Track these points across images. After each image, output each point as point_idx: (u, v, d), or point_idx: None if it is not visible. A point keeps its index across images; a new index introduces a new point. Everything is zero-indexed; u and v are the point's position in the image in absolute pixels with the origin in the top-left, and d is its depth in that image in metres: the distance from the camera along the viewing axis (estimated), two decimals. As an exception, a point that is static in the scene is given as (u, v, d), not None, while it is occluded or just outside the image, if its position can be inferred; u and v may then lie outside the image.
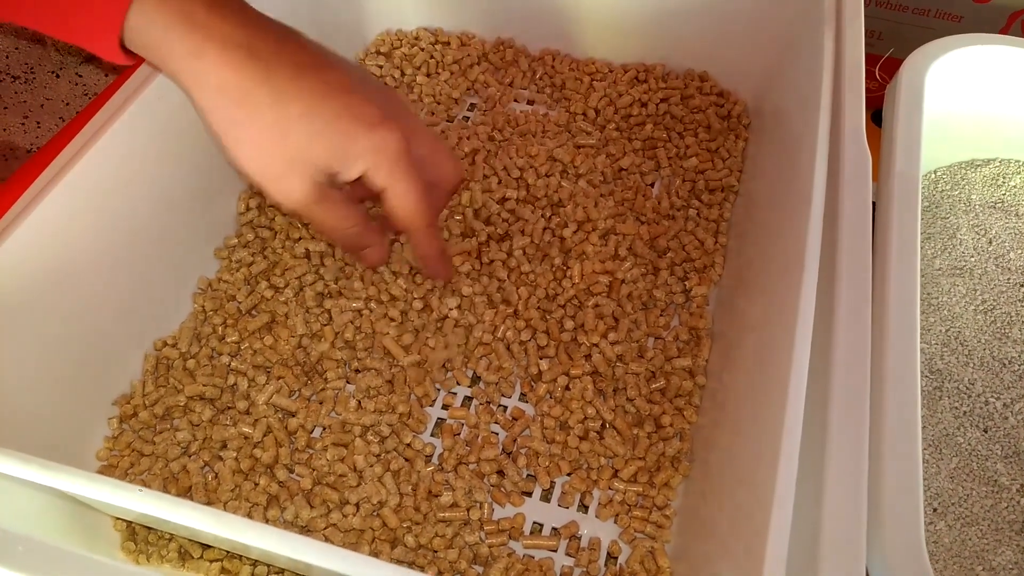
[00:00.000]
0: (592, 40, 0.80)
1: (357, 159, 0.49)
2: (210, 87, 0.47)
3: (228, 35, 0.46)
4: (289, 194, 0.49)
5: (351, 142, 0.48)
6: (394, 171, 0.50)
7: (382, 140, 0.49)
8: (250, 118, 0.47)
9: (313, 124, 0.48)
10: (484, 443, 0.58)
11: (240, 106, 0.47)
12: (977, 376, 0.57)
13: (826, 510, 0.42)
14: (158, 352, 0.62)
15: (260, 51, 0.47)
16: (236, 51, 0.46)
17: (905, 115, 0.58)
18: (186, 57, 0.46)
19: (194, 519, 0.38)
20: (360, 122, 0.49)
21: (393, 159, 0.50)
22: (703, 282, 0.65)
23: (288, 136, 0.47)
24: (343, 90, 0.49)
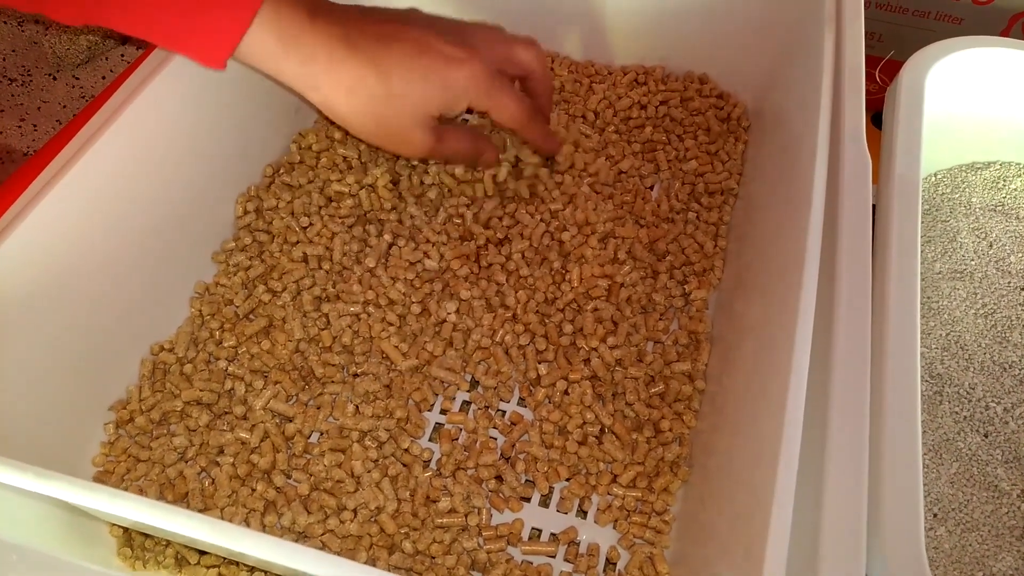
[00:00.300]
0: (591, 42, 0.80)
1: (458, 98, 0.58)
2: (326, 86, 0.55)
3: (330, 35, 0.54)
4: (419, 147, 0.59)
5: (449, 87, 0.57)
6: (489, 95, 0.59)
7: (470, 74, 0.57)
8: (366, 102, 0.55)
9: (415, 85, 0.56)
10: (482, 448, 0.58)
11: (354, 96, 0.55)
12: (977, 380, 0.57)
13: (826, 514, 0.41)
14: (155, 357, 0.62)
15: (356, 41, 0.55)
16: (338, 48, 0.54)
17: (905, 118, 0.58)
18: (299, 64, 0.54)
19: (189, 527, 0.38)
20: (449, 67, 0.57)
21: (484, 86, 0.58)
22: (702, 286, 0.65)
23: (403, 101, 0.56)
24: (426, 45, 0.57)
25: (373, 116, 0.56)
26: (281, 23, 0.52)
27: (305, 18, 0.53)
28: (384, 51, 0.55)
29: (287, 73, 0.54)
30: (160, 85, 0.58)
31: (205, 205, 0.66)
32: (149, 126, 0.58)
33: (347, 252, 0.66)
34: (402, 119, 0.57)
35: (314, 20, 0.54)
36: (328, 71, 0.54)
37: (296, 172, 0.71)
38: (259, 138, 0.70)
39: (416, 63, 0.56)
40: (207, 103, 0.63)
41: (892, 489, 0.42)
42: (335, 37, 0.54)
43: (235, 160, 0.68)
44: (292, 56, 0.53)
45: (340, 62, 0.54)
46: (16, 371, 0.52)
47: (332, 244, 0.66)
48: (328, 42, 0.54)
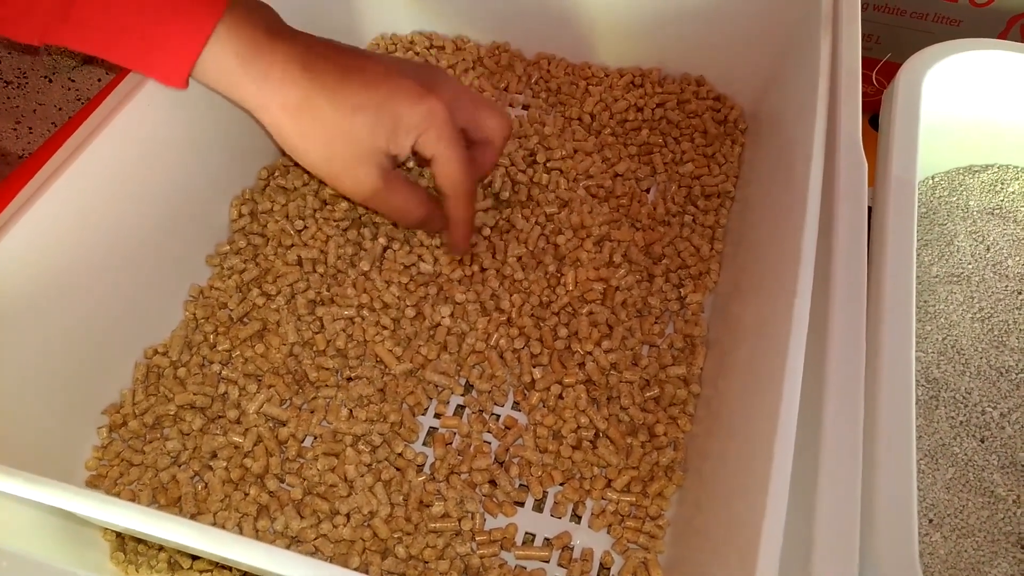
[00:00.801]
0: (588, 44, 0.80)
1: (409, 132, 0.55)
2: (276, 106, 0.53)
3: (287, 55, 0.53)
4: (362, 183, 0.56)
5: (402, 119, 0.54)
6: (440, 137, 0.56)
7: (428, 110, 0.55)
8: (313, 125, 0.53)
9: (367, 114, 0.54)
10: (476, 452, 0.58)
11: (303, 116, 0.53)
12: (974, 385, 0.57)
13: (819, 519, 0.41)
14: (148, 360, 0.62)
15: (312, 64, 0.53)
16: (294, 69, 0.53)
17: (902, 120, 0.58)
18: (254, 82, 0.53)
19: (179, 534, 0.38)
20: (406, 99, 0.54)
21: (439, 126, 0.56)
22: (698, 289, 0.65)
23: (350, 131, 0.54)
24: (386, 77, 0.55)
25: (319, 142, 0.54)
26: (240, 40, 0.52)
27: (263, 37, 0.52)
28: (340, 77, 0.54)
29: (241, 91, 0.53)
30: (155, 88, 0.58)
31: (199, 208, 0.66)
32: (144, 129, 0.58)
33: (341, 256, 0.66)
34: (349, 148, 0.55)
35: (272, 39, 0.53)
36: (280, 90, 0.53)
37: (291, 175, 0.71)
38: (254, 141, 0.70)
39: (372, 92, 0.54)
40: (202, 106, 0.63)
41: (886, 493, 0.42)
42: (292, 57, 0.53)
43: (230, 163, 0.68)
44: (248, 74, 0.52)
45: (292, 82, 0.53)
46: (9, 374, 0.51)
47: (326, 247, 0.66)
48: (284, 61, 0.53)
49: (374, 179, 0.55)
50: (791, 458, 0.41)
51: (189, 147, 0.63)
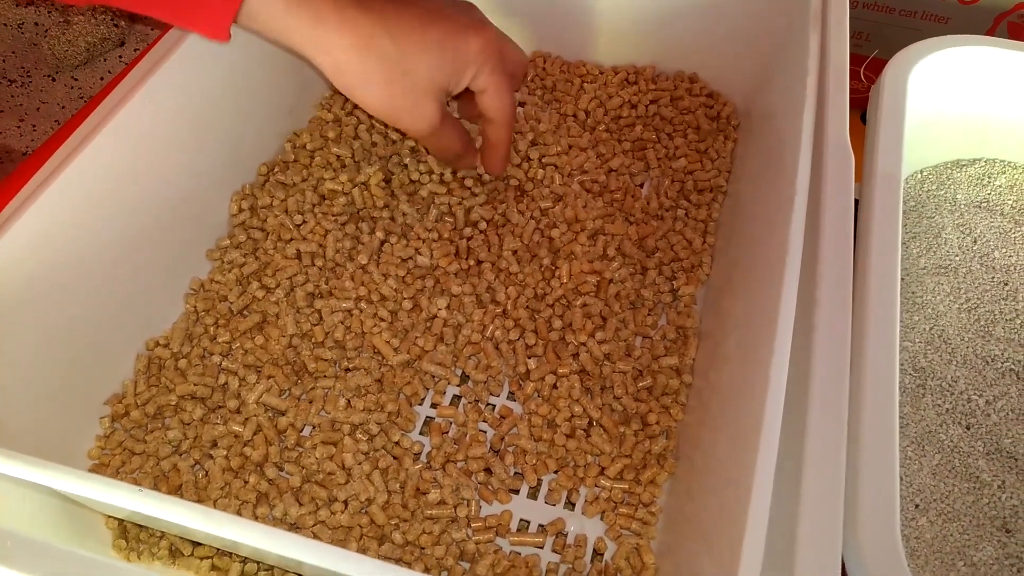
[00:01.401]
0: (582, 42, 0.80)
1: (468, 65, 0.57)
2: (335, 47, 0.52)
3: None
4: (424, 119, 0.57)
5: (462, 51, 0.56)
6: (495, 71, 0.58)
7: (481, 44, 0.56)
8: (377, 65, 0.53)
9: (429, 50, 0.54)
10: (472, 441, 0.59)
11: (365, 57, 0.53)
12: (960, 374, 0.58)
13: (803, 505, 0.42)
14: (150, 352, 0.63)
15: (368, 2, 0.53)
16: (349, 7, 0.52)
17: (888, 116, 0.59)
18: (308, 24, 0.51)
19: (184, 516, 0.38)
20: (461, 35, 0.56)
21: (494, 60, 0.58)
22: (691, 282, 0.66)
23: (413, 70, 0.54)
24: (439, 13, 0.56)
25: (383, 81, 0.54)
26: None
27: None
28: (397, 13, 0.53)
29: (295, 34, 0.52)
30: (156, 84, 0.59)
31: (200, 203, 0.67)
32: (145, 125, 0.59)
33: (340, 249, 0.67)
34: (414, 86, 0.55)
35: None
36: (339, 31, 0.51)
37: (290, 171, 0.72)
38: (254, 137, 0.71)
39: (430, 27, 0.54)
40: (202, 103, 0.64)
41: (869, 479, 0.43)
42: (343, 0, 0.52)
43: (230, 159, 0.69)
44: (300, 15, 0.51)
45: (352, 21, 0.52)
46: (13, 366, 0.52)
47: (325, 241, 0.67)
48: (337, 2, 0.51)
49: (434, 116, 0.57)
50: (777, 446, 0.41)
51: (190, 144, 0.63)
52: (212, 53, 0.63)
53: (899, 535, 0.42)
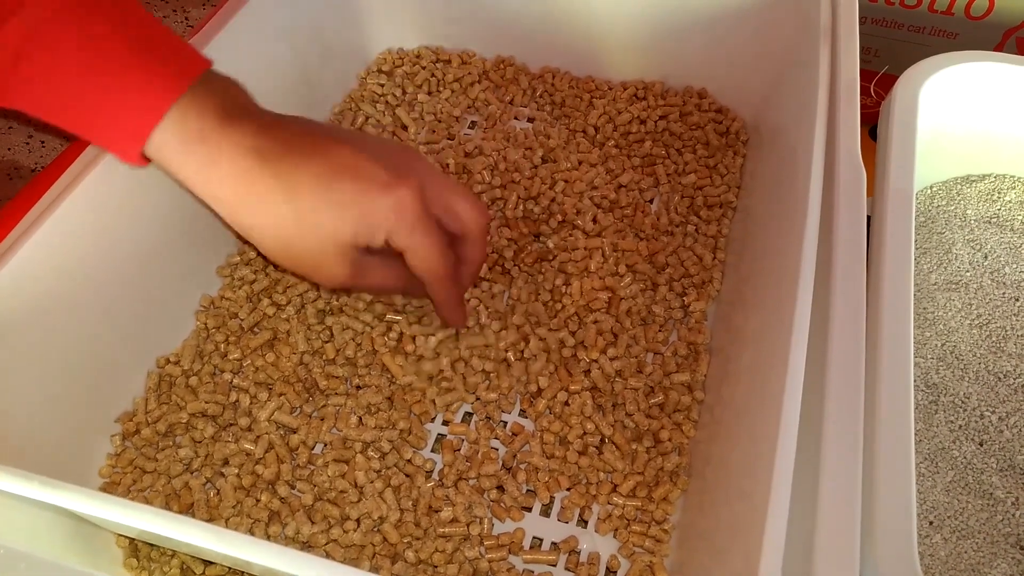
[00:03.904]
0: (592, 58, 0.81)
1: (378, 226, 0.50)
2: (227, 199, 0.49)
3: (238, 142, 0.48)
4: (330, 278, 0.52)
5: (369, 211, 0.50)
6: (412, 231, 0.51)
7: (397, 201, 0.50)
8: (273, 219, 0.49)
9: (331, 209, 0.49)
10: (484, 459, 0.59)
11: (260, 211, 0.49)
12: (972, 390, 0.58)
13: (820, 523, 0.42)
14: (160, 369, 0.63)
15: (270, 151, 0.48)
16: (247, 156, 0.48)
17: (899, 131, 0.59)
18: (200, 171, 0.48)
19: (195, 536, 0.38)
20: (373, 190, 0.50)
21: (408, 220, 0.51)
22: (701, 297, 0.66)
23: (313, 227, 0.49)
24: (350, 165, 0.50)
25: (280, 240, 0.50)
26: (186, 125, 0.47)
27: (213, 121, 0.48)
28: (296, 166, 0.49)
29: (189, 179, 0.49)
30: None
31: (210, 219, 0.67)
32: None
33: None
34: (312, 246, 0.50)
35: (224, 124, 0.48)
36: (232, 182, 0.48)
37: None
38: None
39: (332, 184, 0.49)
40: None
41: (885, 497, 0.43)
42: (243, 145, 0.48)
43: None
44: (194, 156, 0.48)
45: (245, 173, 0.48)
46: (24, 384, 0.52)
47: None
48: (233, 149, 0.48)
49: (343, 271, 0.52)
50: (792, 463, 0.41)
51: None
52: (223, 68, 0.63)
53: (916, 553, 0.41)
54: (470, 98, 0.81)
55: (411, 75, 0.82)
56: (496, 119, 0.79)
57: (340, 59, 0.80)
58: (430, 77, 0.82)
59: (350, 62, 0.82)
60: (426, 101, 0.80)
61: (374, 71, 0.83)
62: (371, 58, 0.84)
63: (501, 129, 0.78)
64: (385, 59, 0.83)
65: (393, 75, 0.83)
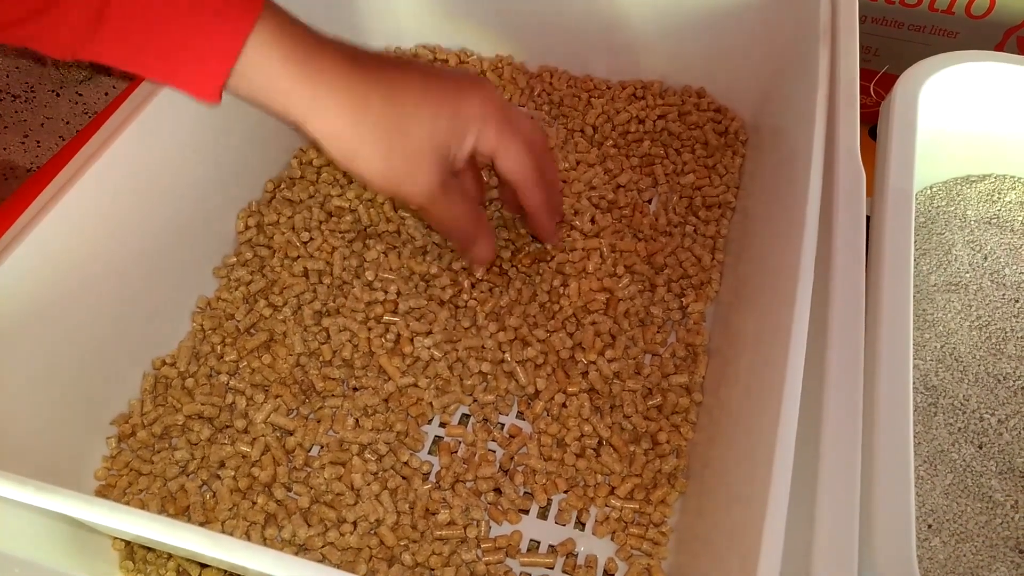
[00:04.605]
0: (590, 57, 0.80)
1: (469, 126, 0.54)
2: (331, 111, 0.50)
3: (336, 54, 0.50)
4: (422, 186, 0.53)
5: (461, 110, 0.53)
6: (500, 131, 0.55)
7: (482, 103, 0.54)
8: (372, 128, 0.51)
9: (427, 111, 0.52)
10: (481, 461, 0.58)
11: (361, 119, 0.50)
12: (972, 392, 0.58)
13: (819, 525, 0.42)
14: (156, 371, 0.62)
15: (365, 62, 0.51)
16: (346, 66, 0.50)
17: (899, 131, 0.58)
18: (305, 87, 0.49)
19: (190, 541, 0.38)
20: (461, 92, 0.53)
21: (496, 118, 0.54)
22: (700, 299, 0.65)
23: (410, 131, 0.51)
24: (438, 76, 0.53)
25: (379, 144, 0.51)
26: (284, 42, 0.48)
27: (310, 38, 0.49)
28: (392, 74, 0.51)
29: (291, 98, 0.49)
30: (163, 101, 0.59)
31: (207, 220, 0.66)
32: (151, 142, 0.59)
33: (347, 267, 0.67)
34: (411, 148, 0.52)
35: (319, 41, 0.50)
36: (334, 92, 0.49)
37: (297, 187, 0.72)
38: (260, 154, 0.71)
39: (428, 88, 0.52)
40: (209, 119, 0.64)
41: (884, 500, 0.43)
42: (342, 60, 0.50)
43: (236, 176, 0.69)
44: (296, 78, 0.48)
45: (346, 85, 0.49)
46: (19, 386, 0.52)
47: (332, 259, 0.67)
48: (334, 64, 0.49)
49: (433, 180, 0.53)
50: (791, 465, 0.41)
51: (196, 161, 0.63)
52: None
53: (915, 556, 0.41)
54: (468, 97, 0.80)
55: (409, 74, 0.82)
56: (494, 119, 0.79)
57: (337, 58, 0.80)
58: (428, 76, 0.82)
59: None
60: (424, 101, 0.80)
61: (372, 70, 0.82)
62: (369, 57, 0.84)
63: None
64: (383, 58, 0.83)
65: (391, 74, 0.82)
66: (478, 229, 0.60)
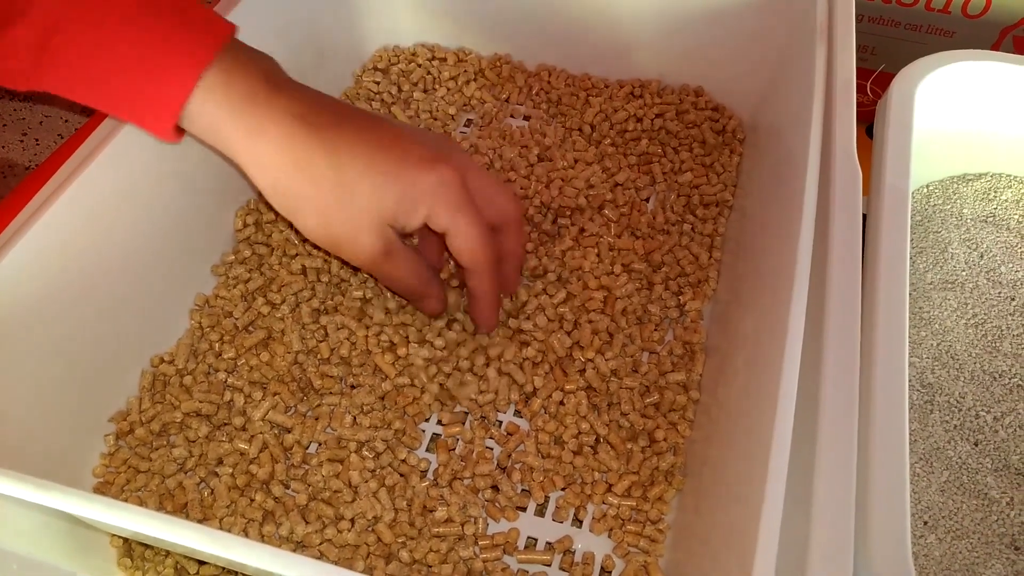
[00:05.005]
0: (588, 56, 0.80)
1: (420, 202, 0.51)
2: (271, 164, 0.49)
3: (286, 108, 0.48)
4: (362, 252, 0.51)
5: (412, 186, 0.50)
6: (456, 207, 0.51)
7: (439, 177, 0.50)
8: (314, 186, 0.49)
9: (375, 179, 0.49)
10: (479, 458, 0.58)
11: (302, 177, 0.49)
12: (968, 390, 0.58)
13: (815, 522, 0.42)
14: (155, 369, 0.62)
15: (316, 120, 0.49)
16: (294, 123, 0.48)
17: (895, 130, 0.58)
18: (247, 137, 0.48)
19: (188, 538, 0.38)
20: (418, 166, 0.50)
21: (454, 195, 0.51)
22: (697, 297, 0.66)
23: (354, 196, 0.49)
24: (397, 141, 0.51)
25: (320, 208, 0.50)
26: (232, 89, 0.47)
27: (260, 86, 0.48)
28: (343, 137, 0.49)
29: (233, 146, 0.49)
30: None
31: (205, 218, 0.67)
32: (150, 140, 0.59)
33: (345, 265, 0.67)
34: (351, 217, 0.50)
35: (271, 90, 0.48)
36: (276, 148, 0.48)
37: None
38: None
39: (377, 155, 0.50)
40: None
41: (880, 497, 0.43)
42: (291, 111, 0.48)
43: (235, 173, 0.69)
44: (241, 127, 0.48)
45: (291, 139, 0.48)
46: (17, 383, 0.52)
47: (330, 257, 0.67)
48: (282, 115, 0.48)
49: (376, 247, 0.51)
50: (787, 462, 0.41)
51: (194, 159, 0.63)
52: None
53: (910, 553, 0.41)
54: (466, 96, 0.81)
55: (407, 73, 0.82)
56: (492, 117, 0.79)
57: (336, 57, 0.80)
58: (426, 75, 0.82)
59: (346, 60, 0.82)
60: (422, 99, 0.80)
61: (370, 69, 0.83)
62: (367, 56, 0.84)
63: (497, 127, 0.78)
64: (381, 57, 0.83)
65: (389, 73, 0.82)
66: (427, 288, 0.58)
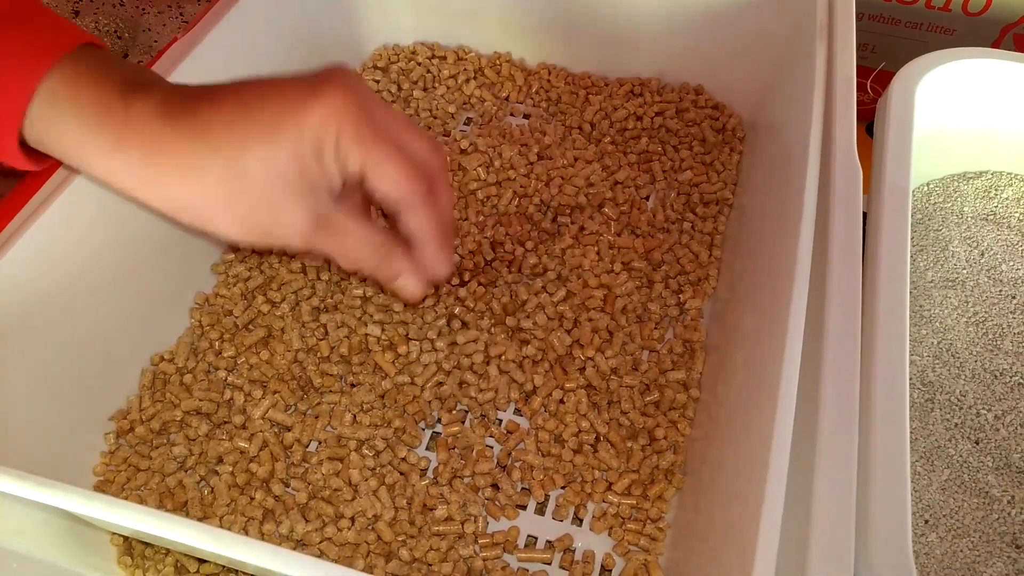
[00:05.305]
0: (588, 54, 0.80)
1: (320, 145, 0.41)
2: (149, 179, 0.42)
3: (145, 112, 0.41)
4: (291, 231, 0.43)
5: (299, 131, 0.40)
6: (361, 138, 0.42)
7: (327, 106, 0.41)
8: (203, 185, 0.41)
9: (258, 145, 0.41)
10: (479, 457, 0.58)
11: (188, 179, 0.41)
12: (969, 388, 0.58)
13: (815, 521, 0.42)
14: (155, 367, 0.62)
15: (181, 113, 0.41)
16: (155, 124, 0.41)
17: (896, 128, 0.58)
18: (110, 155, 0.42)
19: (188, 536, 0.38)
20: (297, 105, 0.41)
21: (351, 120, 0.41)
22: (697, 295, 0.66)
23: (246, 175, 0.41)
24: (266, 91, 0.42)
25: (223, 204, 0.41)
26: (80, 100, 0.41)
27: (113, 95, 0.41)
28: (207, 115, 0.41)
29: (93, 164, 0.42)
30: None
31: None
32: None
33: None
34: (257, 199, 0.41)
35: (126, 94, 0.42)
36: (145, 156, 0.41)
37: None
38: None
39: (251, 118, 0.41)
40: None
41: (880, 495, 0.43)
42: (151, 113, 0.41)
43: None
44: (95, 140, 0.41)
45: (156, 140, 0.41)
46: (18, 382, 0.52)
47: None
48: (143, 122, 0.41)
49: (303, 220, 0.43)
50: (787, 461, 0.41)
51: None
52: (216, 67, 0.62)
53: (911, 552, 0.41)
54: (465, 95, 0.81)
55: (406, 71, 0.82)
56: (492, 116, 0.79)
57: (335, 55, 0.80)
58: (425, 73, 0.82)
59: (345, 58, 0.82)
60: (421, 97, 0.80)
61: (369, 67, 0.83)
62: (366, 54, 0.84)
63: (497, 126, 0.77)
64: (380, 55, 0.83)
65: (388, 71, 0.82)
66: (388, 259, 0.48)
